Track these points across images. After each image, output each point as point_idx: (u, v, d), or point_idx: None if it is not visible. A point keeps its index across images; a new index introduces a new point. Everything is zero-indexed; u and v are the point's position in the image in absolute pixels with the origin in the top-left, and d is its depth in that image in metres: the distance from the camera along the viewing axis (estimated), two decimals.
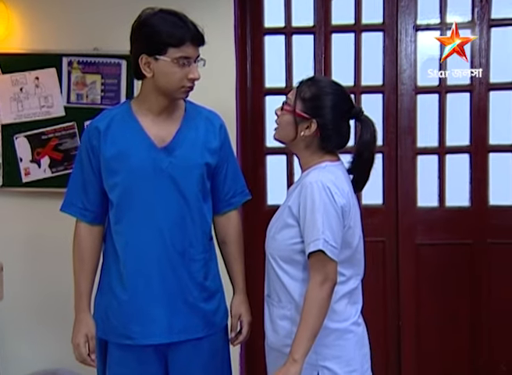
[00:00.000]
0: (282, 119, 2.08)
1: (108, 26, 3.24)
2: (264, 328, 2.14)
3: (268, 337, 2.12)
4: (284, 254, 2.02)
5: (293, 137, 2.06)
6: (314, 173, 2.01)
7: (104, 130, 2.19)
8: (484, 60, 3.32)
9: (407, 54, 3.34)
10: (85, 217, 2.25)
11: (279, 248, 2.03)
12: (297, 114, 2.03)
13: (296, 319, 1.96)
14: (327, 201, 1.92)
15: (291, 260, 2.01)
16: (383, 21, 3.36)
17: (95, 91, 3.25)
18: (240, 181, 2.38)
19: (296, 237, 1.99)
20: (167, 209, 2.16)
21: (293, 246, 2.00)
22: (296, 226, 1.99)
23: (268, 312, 2.12)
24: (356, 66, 3.39)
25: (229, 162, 2.32)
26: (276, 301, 2.06)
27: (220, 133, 2.27)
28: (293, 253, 2.00)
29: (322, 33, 3.38)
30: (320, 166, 2.04)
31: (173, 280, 2.17)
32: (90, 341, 2.23)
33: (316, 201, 1.92)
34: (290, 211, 2.01)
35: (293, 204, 2.00)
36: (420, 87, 3.37)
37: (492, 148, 3.39)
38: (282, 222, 2.04)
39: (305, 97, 2.03)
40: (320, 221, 1.91)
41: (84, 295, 2.26)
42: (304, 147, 2.07)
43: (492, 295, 3.40)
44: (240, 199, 2.38)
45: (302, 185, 1.98)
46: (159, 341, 2.17)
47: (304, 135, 2.04)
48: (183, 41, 2.06)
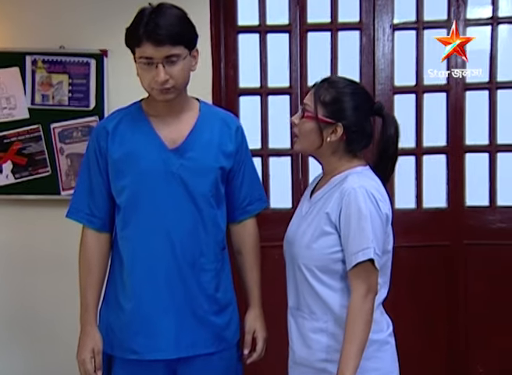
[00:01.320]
0: (303, 128, 1.95)
1: (75, 24, 3.10)
2: (290, 343, 2.02)
3: (295, 352, 2.00)
4: (322, 264, 1.90)
5: (318, 144, 1.94)
6: (354, 179, 1.90)
7: (113, 131, 2.08)
8: (460, 60, 3.30)
9: (384, 53, 3.29)
10: (92, 224, 2.12)
11: (317, 257, 1.91)
12: (321, 120, 1.92)
13: (335, 331, 1.90)
14: (372, 209, 1.84)
15: (328, 270, 1.90)
16: (360, 20, 3.29)
17: (62, 92, 3.09)
18: (257, 187, 2.25)
19: (335, 246, 1.89)
20: (177, 214, 2.04)
21: (331, 255, 1.90)
22: (335, 233, 1.89)
23: (295, 326, 2.00)
24: (332, 65, 3.31)
25: (246, 167, 2.19)
26: (308, 314, 1.95)
27: (236, 136, 2.14)
28: (331, 262, 1.90)
29: (298, 31, 3.29)
30: (355, 171, 1.94)
31: (182, 290, 2.05)
32: (96, 356, 2.08)
33: (362, 208, 1.83)
34: (328, 218, 1.90)
35: (331, 211, 1.89)
36: (397, 87, 3.32)
37: (469, 148, 3.37)
38: (319, 230, 1.91)
39: (326, 100, 1.91)
40: (368, 229, 1.82)
41: (91, 307, 2.11)
42: (330, 153, 1.97)
43: (469, 297, 3.38)
44: (258, 207, 2.24)
45: (342, 191, 1.88)
46: (166, 356, 2.05)
47: (330, 141, 1.93)
48: (140, 40, 1.93)
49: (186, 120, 2.09)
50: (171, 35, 1.91)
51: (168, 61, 1.94)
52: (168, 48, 1.92)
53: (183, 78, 1.99)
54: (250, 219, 2.24)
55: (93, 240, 2.13)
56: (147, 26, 1.91)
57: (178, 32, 1.93)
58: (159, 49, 1.92)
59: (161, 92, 1.98)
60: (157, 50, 1.92)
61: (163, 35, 1.90)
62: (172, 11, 1.97)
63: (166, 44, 1.91)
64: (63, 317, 3.09)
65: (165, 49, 1.92)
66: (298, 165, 3.35)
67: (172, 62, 1.95)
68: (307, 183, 3.27)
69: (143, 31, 1.91)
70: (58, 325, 3.21)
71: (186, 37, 1.97)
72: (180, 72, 1.97)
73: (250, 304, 2.22)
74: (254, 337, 2.18)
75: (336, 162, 1.98)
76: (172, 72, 1.95)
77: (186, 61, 1.98)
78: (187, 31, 1.98)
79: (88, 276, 2.12)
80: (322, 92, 1.93)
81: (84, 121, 3.11)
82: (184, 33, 1.96)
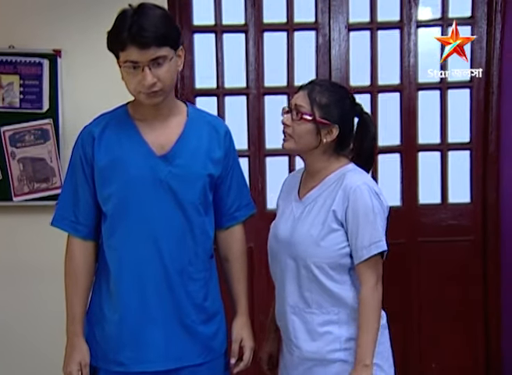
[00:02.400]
0: (299, 129, 1.99)
1: (27, 22, 2.99)
2: (294, 340, 2.04)
3: (301, 348, 2.02)
4: (332, 260, 1.97)
5: (315, 145, 2.00)
6: (353, 176, 2.00)
7: (99, 136, 2.00)
8: (413, 60, 3.35)
9: (340, 53, 3.31)
10: (77, 232, 2.04)
11: (327, 255, 1.96)
12: (319, 121, 1.97)
13: (347, 321, 1.98)
14: (377, 204, 1.95)
15: (337, 265, 1.98)
16: (315, 20, 3.30)
17: (13, 94, 2.97)
18: (245, 193, 2.20)
19: (343, 242, 1.97)
20: (165, 222, 1.98)
21: (340, 251, 1.97)
22: (341, 230, 1.97)
23: (299, 324, 2.02)
24: (288, 65, 3.31)
25: (234, 173, 2.14)
26: (316, 309, 1.99)
27: (225, 141, 2.09)
28: (340, 258, 1.97)
29: (254, 32, 3.27)
30: (349, 169, 2.03)
31: (170, 300, 1.99)
32: (83, 369, 2.01)
33: (369, 203, 1.93)
34: (334, 215, 1.97)
35: (337, 208, 1.96)
36: (352, 87, 3.33)
37: (421, 147, 3.43)
38: (326, 228, 1.97)
39: (322, 103, 1.98)
40: (377, 223, 1.93)
41: (77, 318, 2.04)
42: (321, 153, 2.03)
43: (422, 295, 3.45)
44: (245, 213, 2.20)
45: (346, 188, 1.96)
46: (154, 367, 1.99)
47: (326, 142, 1.99)
48: (124, 44, 1.86)
49: (174, 125, 2.03)
50: (156, 37, 1.85)
51: (155, 63, 1.88)
52: (153, 51, 1.86)
53: (170, 80, 1.93)
54: (238, 226, 2.19)
55: (79, 248, 2.05)
56: (130, 29, 1.84)
57: (163, 33, 1.87)
58: (145, 52, 1.85)
59: (148, 96, 1.92)
60: (142, 53, 1.85)
61: (148, 38, 1.84)
62: (154, 11, 1.90)
63: (152, 46, 1.85)
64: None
65: (151, 52, 1.86)
66: (256, 165, 3.34)
67: (159, 64, 1.88)
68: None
69: (127, 35, 1.84)
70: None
71: (171, 38, 1.90)
72: (167, 74, 1.91)
73: (237, 312, 2.18)
74: (241, 346, 2.14)
75: (325, 162, 2.04)
76: (159, 74, 1.89)
77: (172, 62, 1.92)
78: (172, 31, 1.92)
79: (74, 287, 2.05)
80: (317, 95, 1.99)
81: (37, 124, 3.00)
82: (169, 34, 1.90)
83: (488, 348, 3.49)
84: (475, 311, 3.47)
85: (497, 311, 3.45)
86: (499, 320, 3.46)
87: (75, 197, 2.05)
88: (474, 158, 3.43)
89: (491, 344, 3.48)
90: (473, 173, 3.44)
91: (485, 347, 3.49)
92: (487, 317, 3.48)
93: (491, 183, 3.39)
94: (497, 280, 3.44)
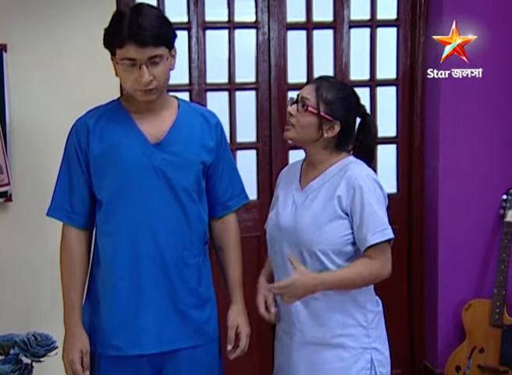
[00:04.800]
0: (303, 120, 2.08)
1: None
2: (298, 325, 2.12)
3: (305, 332, 2.11)
4: (336, 247, 2.05)
5: (316, 138, 2.09)
6: (356, 168, 2.09)
7: (93, 126, 2.05)
8: (345, 59, 3.53)
9: (279, 51, 3.43)
10: (73, 222, 2.08)
11: (331, 241, 2.05)
12: (322, 116, 2.06)
13: (350, 309, 2.08)
14: (380, 193, 2.06)
15: (340, 252, 2.06)
16: (256, 19, 3.41)
17: None
18: (237, 183, 2.26)
19: (346, 230, 2.05)
20: (160, 209, 2.04)
21: (343, 238, 2.05)
22: (346, 218, 2.05)
23: (303, 309, 2.10)
24: (229, 63, 3.41)
25: (225, 162, 2.20)
26: (321, 295, 2.06)
27: (216, 131, 2.16)
28: (343, 245, 2.06)
29: (196, 29, 3.33)
30: (351, 161, 2.13)
31: (165, 284, 2.06)
32: (84, 356, 2.05)
33: (373, 193, 2.03)
34: (339, 202, 2.05)
35: (342, 195, 2.05)
36: (290, 84, 3.48)
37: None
38: (330, 214, 2.05)
39: (327, 99, 2.07)
40: (383, 211, 2.04)
41: (76, 308, 2.07)
42: (322, 147, 2.12)
43: None
44: (238, 202, 2.26)
45: (350, 179, 2.05)
46: (149, 350, 2.05)
47: (327, 137, 2.08)
48: (123, 42, 1.92)
49: (167, 116, 2.10)
50: (154, 36, 1.92)
51: (152, 62, 1.95)
52: (151, 49, 1.93)
53: (164, 78, 2.01)
54: (231, 215, 2.25)
55: (75, 238, 2.09)
56: (130, 27, 1.90)
57: (160, 33, 1.94)
58: (143, 50, 1.92)
59: (144, 93, 1.98)
60: (140, 51, 1.92)
61: (147, 36, 1.91)
62: (151, 11, 1.97)
63: (150, 45, 1.92)
64: None
65: (149, 50, 1.92)
66: None
67: (155, 62, 1.95)
68: None
69: (127, 32, 1.90)
70: None
71: (167, 38, 1.98)
72: (162, 72, 1.98)
73: (232, 300, 2.25)
74: (237, 333, 2.20)
75: (327, 155, 2.14)
76: (155, 72, 1.96)
77: (167, 61, 1.99)
78: (168, 31, 2.00)
79: (72, 276, 2.08)
80: (324, 91, 2.07)
81: None
82: (165, 34, 1.97)
83: (412, 331, 3.75)
84: (400, 294, 3.70)
85: (421, 295, 3.72)
86: (423, 305, 3.72)
87: (70, 188, 2.09)
88: (400, 151, 3.66)
89: (414, 327, 3.74)
90: (399, 166, 3.67)
91: (408, 330, 3.74)
92: (411, 301, 3.73)
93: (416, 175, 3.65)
94: (421, 265, 3.70)
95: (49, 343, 2.65)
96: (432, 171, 3.58)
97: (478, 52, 3.27)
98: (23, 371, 2.66)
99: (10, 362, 2.64)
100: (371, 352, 2.10)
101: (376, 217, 2.02)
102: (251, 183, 3.46)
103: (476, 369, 3.40)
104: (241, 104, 3.44)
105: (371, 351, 2.10)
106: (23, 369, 2.67)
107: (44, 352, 2.64)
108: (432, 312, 3.67)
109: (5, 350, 2.67)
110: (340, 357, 2.09)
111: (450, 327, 3.60)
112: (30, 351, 2.62)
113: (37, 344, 2.63)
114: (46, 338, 2.66)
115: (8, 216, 3.05)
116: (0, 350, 2.67)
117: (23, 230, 3.10)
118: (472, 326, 3.45)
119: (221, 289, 2.29)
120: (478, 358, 3.41)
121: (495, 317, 3.37)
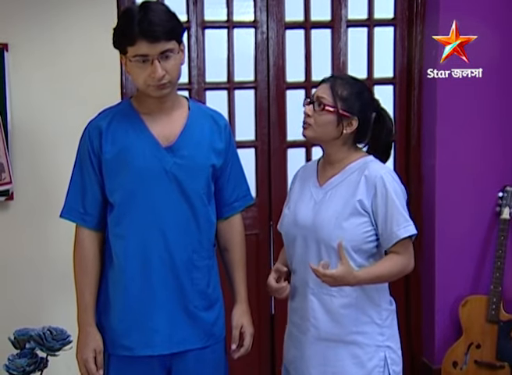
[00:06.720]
0: (321, 119, 2.10)
1: None
2: (312, 320, 2.13)
3: (319, 328, 2.13)
4: (355, 244, 2.07)
5: (336, 135, 2.12)
6: (376, 166, 2.12)
7: (106, 129, 2.07)
8: (343, 58, 3.56)
9: (278, 51, 3.46)
10: (87, 223, 2.11)
11: (351, 237, 2.06)
12: (341, 114, 2.08)
13: (364, 306, 2.10)
14: (399, 190, 2.09)
15: (360, 249, 2.08)
16: (254, 18, 3.44)
17: None
18: (243, 184, 2.30)
19: (367, 227, 2.08)
20: (171, 212, 2.07)
21: (363, 235, 2.08)
22: (366, 216, 2.07)
23: (318, 304, 2.12)
24: (228, 62, 3.43)
25: (233, 164, 2.23)
26: (336, 291, 2.08)
27: (225, 134, 2.19)
28: (363, 243, 2.08)
29: (195, 28, 3.36)
30: (370, 159, 2.16)
31: (175, 286, 2.09)
32: (97, 355, 2.09)
33: (394, 190, 2.06)
34: (361, 204, 2.07)
35: (363, 197, 2.07)
36: (288, 83, 3.51)
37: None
38: (350, 210, 2.07)
39: (343, 95, 2.09)
40: (405, 208, 2.07)
41: (89, 307, 2.11)
42: (341, 144, 2.15)
43: None
44: (244, 203, 2.29)
45: (370, 177, 2.07)
46: (160, 351, 2.08)
47: (346, 133, 2.11)
48: (134, 39, 1.95)
49: (177, 118, 2.12)
50: (165, 31, 1.95)
51: (163, 56, 1.98)
52: (163, 44, 1.96)
53: (177, 72, 2.04)
54: (236, 216, 2.28)
55: (88, 239, 2.12)
56: (141, 23, 1.93)
57: (171, 27, 1.98)
58: (155, 45, 1.95)
59: (157, 88, 2.00)
60: (152, 46, 1.95)
61: (158, 31, 1.94)
62: (160, 7, 2.01)
63: (161, 40, 1.95)
64: None
65: (160, 45, 1.96)
66: None
67: (167, 57, 1.98)
68: None
69: (138, 29, 1.93)
70: None
71: (176, 32, 2.02)
72: (174, 66, 2.02)
73: (236, 300, 2.28)
74: (242, 333, 2.24)
75: (345, 152, 2.16)
76: (167, 67, 1.99)
77: (178, 55, 2.03)
78: (178, 26, 2.03)
79: (85, 277, 2.12)
80: (339, 88, 2.10)
81: None
82: (175, 28, 2.01)
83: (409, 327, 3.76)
84: (397, 291, 3.61)
85: (418, 291, 3.74)
86: (420, 301, 3.75)
87: (83, 189, 2.11)
88: (397, 150, 3.67)
89: (411, 323, 3.76)
90: (396, 164, 3.69)
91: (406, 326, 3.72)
92: (408, 297, 3.75)
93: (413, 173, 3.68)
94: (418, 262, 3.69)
95: (64, 337, 2.69)
96: (429, 169, 3.61)
97: (478, 52, 3.29)
98: (38, 365, 2.70)
99: (26, 355, 2.68)
100: (385, 350, 2.13)
101: (400, 213, 2.05)
102: (250, 181, 3.38)
103: (473, 365, 3.45)
104: (240, 103, 3.47)
105: (384, 349, 2.13)
106: (39, 362, 2.71)
107: (59, 346, 2.68)
108: (428, 309, 3.70)
109: (20, 344, 2.71)
110: (354, 354, 2.11)
111: (447, 323, 3.64)
112: (46, 345, 2.66)
113: (53, 339, 2.66)
114: (61, 332, 2.69)
115: (9, 214, 3.07)
116: (16, 344, 2.71)
117: (25, 228, 3.12)
118: (469, 323, 3.49)
119: (225, 288, 2.31)
120: (474, 353, 3.45)
121: (491, 313, 3.41)
